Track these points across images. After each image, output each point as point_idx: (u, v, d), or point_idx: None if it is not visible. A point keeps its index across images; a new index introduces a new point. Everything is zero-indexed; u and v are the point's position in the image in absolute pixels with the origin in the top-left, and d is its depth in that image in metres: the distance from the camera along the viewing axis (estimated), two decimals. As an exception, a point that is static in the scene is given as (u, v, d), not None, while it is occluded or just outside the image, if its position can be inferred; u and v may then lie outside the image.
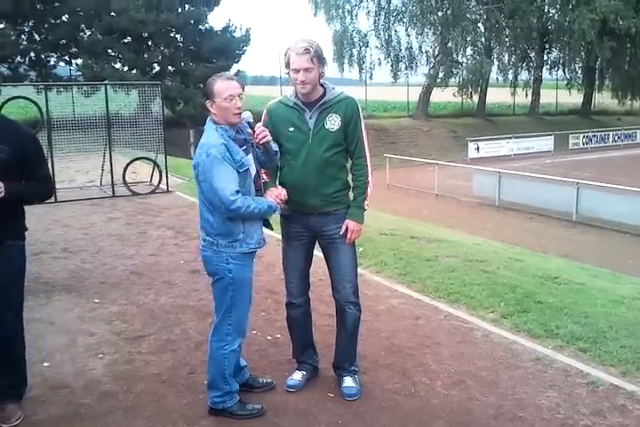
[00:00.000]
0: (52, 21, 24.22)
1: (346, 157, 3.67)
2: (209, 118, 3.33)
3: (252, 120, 3.41)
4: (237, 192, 3.17)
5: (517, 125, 32.99)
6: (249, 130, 3.39)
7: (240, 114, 3.29)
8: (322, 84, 3.56)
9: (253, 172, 3.39)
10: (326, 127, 3.52)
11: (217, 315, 3.44)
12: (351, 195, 3.74)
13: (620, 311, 5.18)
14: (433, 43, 34.47)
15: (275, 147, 3.51)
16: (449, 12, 31.80)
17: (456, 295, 5.55)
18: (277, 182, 3.66)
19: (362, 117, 3.63)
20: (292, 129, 3.53)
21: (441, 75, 33.43)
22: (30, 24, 24.20)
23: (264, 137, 3.37)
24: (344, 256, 3.68)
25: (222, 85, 3.24)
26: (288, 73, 3.53)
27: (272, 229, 3.69)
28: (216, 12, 26.04)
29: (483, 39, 34.04)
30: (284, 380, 3.85)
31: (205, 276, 3.77)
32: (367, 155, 3.66)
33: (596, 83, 39.46)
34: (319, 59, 3.44)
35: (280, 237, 3.84)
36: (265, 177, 3.59)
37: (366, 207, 3.69)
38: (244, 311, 3.45)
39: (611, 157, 28.78)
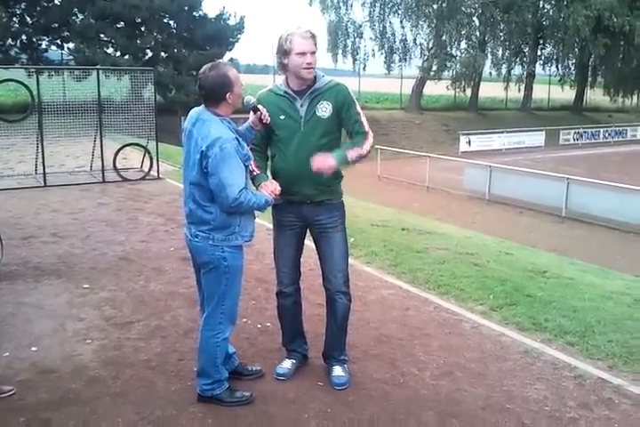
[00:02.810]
0: (45, 4, 23.98)
1: (339, 145, 3.62)
2: (206, 110, 3.26)
3: (255, 103, 3.41)
4: (243, 189, 3.17)
5: (509, 120, 33.10)
6: (257, 112, 3.40)
7: None
8: None
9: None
10: (318, 114, 3.49)
11: (208, 305, 3.43)
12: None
13: (608, 306, 5.21)
14: (427, 35, 34.50)
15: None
16: (444, 4, 31.75)
17: (446, 287, 5.56)
18: (269, 172, 3.64)
19: (355, 100, 3.58)
20: (282, 117, 3.50)
21: (434, 68, 33.44)
22: (22, 7, 23.97)
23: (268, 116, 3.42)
24: (335, 246, 3.67)
25: (235, 72, 3.23)
26: (281, 60, 3.46)
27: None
28: (210, -1, 25.96)
29: (477, 33, 34.09)
30: (274, 368, 3.85)
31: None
32: (368, 130, 3.56)
33: (589, 79, 39.70)
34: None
35: (270, 226, 3.83)
36: (255, 169, 3.54)
37: (350, 159, 3.49)
38: (235, 299, 3.45)
39: (601, 154, 28.92)
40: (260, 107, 3.41)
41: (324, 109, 3.50)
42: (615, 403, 3.61)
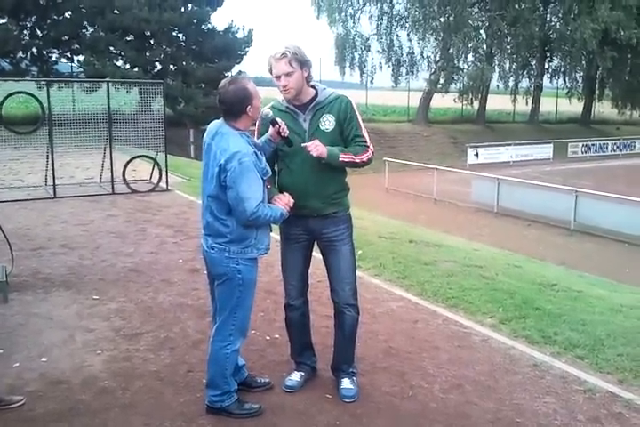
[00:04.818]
0: (55, 17, 24.23)
1: None
2: (225, 123, 3.29)
3: (273, 116, 3.43)
4: (260, 202, 3.20)
5: (517, 133, 33.10)
6: (275, 126, 3.39)
7: None
8: (313, 86, 3.55)
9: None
10: (321, 128, 3.50)
11: (220, 316, 3.44)
12: (350, 197, 3.73)
13: (618, 320, 5.19)
14: (434, 48, 34.60)
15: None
16: (451, 18, 31.88)
17: (454, 300, 5.55)
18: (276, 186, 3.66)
19: (357, 112, 3.58)
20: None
21: (442, 80, 33.52)
22: (33, 20, 24.21)
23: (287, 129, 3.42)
24: (343, 259, 3.67)
25: (254, 85, 3.27)
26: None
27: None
28: (219, 13, 26.28)
29: (484, 46, 34.22)
30: (282, 380, 3.85)
31: (204, 275, 3.77)
32: (369, 145, 3.56)
33: (596, 92, 39.71)
34: (299, 61, 3.39)
35: (279, 237, 3.83)
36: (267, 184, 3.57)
37: (341, 160, 3.47)
38: (247, 312, 3.46)
39: (609, 167, 28.85)
40: (278, 120, 3.41)
41: (327, 123, 3.51)
42: (626, 417, 3.59)
